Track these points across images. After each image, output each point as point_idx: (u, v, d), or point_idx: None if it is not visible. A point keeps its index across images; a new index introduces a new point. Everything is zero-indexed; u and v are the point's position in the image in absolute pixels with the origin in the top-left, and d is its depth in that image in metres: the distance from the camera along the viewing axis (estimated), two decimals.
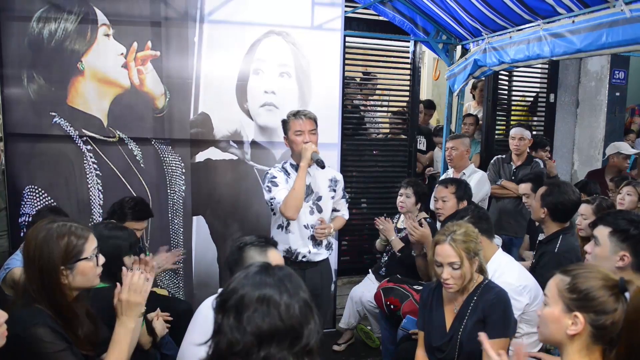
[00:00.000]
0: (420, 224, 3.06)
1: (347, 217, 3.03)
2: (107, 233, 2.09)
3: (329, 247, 2.91)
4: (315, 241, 2.82)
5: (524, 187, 3.44)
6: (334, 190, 2.89)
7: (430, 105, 5.57)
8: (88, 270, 1.65)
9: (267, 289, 1.12)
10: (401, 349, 2.66)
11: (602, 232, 1.96)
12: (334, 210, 2.96)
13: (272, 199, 2.71)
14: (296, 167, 2.72)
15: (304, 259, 2.79)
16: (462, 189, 3.14)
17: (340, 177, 2.94)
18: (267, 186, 2.73)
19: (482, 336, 1.63)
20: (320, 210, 2.82)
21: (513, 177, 4.07)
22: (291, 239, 2.78)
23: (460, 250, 2.04)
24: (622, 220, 1.93)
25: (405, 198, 3.44)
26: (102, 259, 1.72)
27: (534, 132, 5.01)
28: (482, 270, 2.18)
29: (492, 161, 4.30)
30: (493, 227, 2.57)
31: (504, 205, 4.10)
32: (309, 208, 2.79)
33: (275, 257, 1.89)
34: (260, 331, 1.08)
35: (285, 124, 2.74)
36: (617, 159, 4.38)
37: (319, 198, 2.82)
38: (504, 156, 4.25)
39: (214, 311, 1.16)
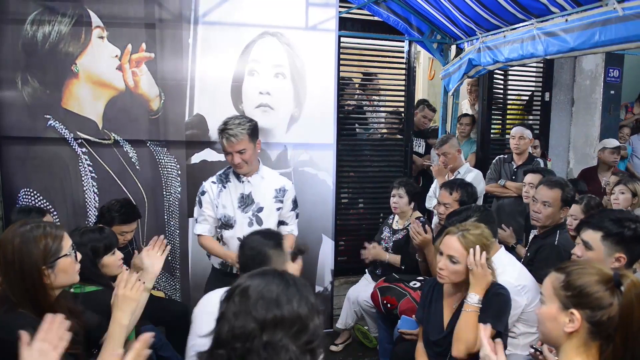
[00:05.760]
0: (425, 230, 3.04)
1: (296, 233, 2.77)
2: (79, 240, 2.09)
3: None
4: None
5: (533, 177, 3.29)
6: (281, 202, 2.65)
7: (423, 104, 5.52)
8: (68, 266, 1.67)
9: (273, 286, 1.14)
10: (398, 349, 2.66)
11: (593, 236, 1.94)
12: (282, 223, 2.71)
13: (196, 221, 2.68)
14: (238, 175, 2.60)
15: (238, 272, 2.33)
16: (466, 196, 3.05)
17: (290, 186, 2.72)
18: (197, 200, 2.69)
19: (482, 328, 1.59)
20: (260, 223, 2.59)
21: (514, 177, 4.05)
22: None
23: (465, 249, 2.04)
24: (609, 222, 1.92)
25: (398, 199, 3.45)
26: (79, 256, 1.75)
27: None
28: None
29: (494, 161, 4.28)
30: (497, 229, 2.58)
31: (503, 204, 4.09)
32: (248, 219, 2.59)
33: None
34: (264, 318, 1.09)
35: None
36: (602, 155, 4.44)
37: (260, 209, 2.61)
38: (505, 156, 4.24)
39: (220, 303, 1.17)
